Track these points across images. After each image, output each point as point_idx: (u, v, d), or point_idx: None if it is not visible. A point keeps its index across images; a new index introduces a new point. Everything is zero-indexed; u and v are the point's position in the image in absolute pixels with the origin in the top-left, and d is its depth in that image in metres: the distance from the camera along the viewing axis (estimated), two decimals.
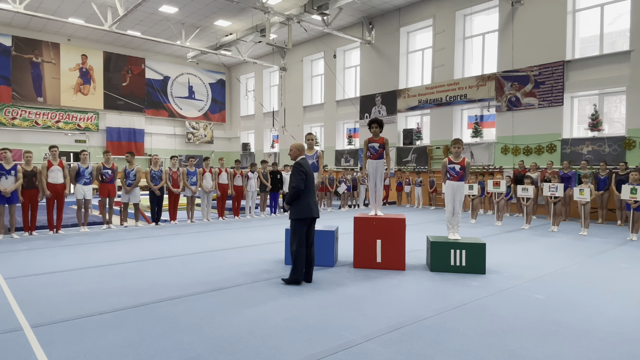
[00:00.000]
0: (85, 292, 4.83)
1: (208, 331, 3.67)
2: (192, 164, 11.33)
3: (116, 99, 23.53)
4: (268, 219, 12.26)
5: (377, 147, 6.28)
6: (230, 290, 4.96)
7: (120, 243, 8.03)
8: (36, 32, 20.81)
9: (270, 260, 6.58)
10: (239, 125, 27.59)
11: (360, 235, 6.03)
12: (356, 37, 18.63)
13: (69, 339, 3.50)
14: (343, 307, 4.38)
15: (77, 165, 9.41)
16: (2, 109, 19.98)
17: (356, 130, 20.14)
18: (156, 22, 19.33)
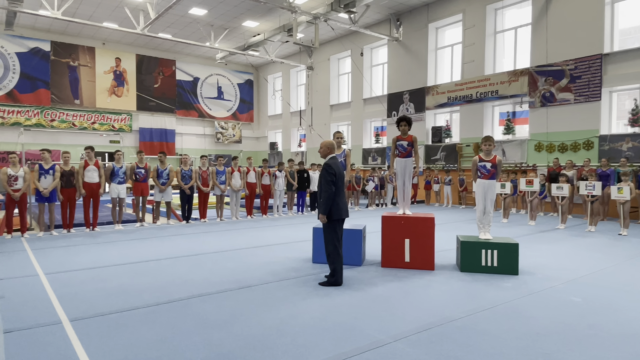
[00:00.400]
0: (120, 287, 4.99)
1: (237, 328, 3.72)
2: (221, 164, 11.52)
3: (148, 100, 24.18)
4: (295, 217, 12.32)
5: (405, 145, 6.20)
6: (259, 288, 5.01)
7: (153, 240, 8.25)
8: (73, 37, 21.62)
9: (298, 258, 6.61)
10: (267, 125, 27.85)
11: (388, 234, 5.98)
12: (383, 34, 18.46)
13: (105, 333, 3.62)
14: (371, 306, 4.35)
15: (112, 165, 9.73)
16: (42, 111, 20.88)
17: (383, 128, 19.97)
18: (186, 25, 19.74)
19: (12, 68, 20.15)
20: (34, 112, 20.69)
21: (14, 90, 20.25)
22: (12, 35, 19.74)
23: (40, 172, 8.66)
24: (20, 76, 20.38)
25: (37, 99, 20.82)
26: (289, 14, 16.78)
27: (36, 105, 20.76)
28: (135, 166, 10.02)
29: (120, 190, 9.70)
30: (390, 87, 19.24)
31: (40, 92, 20.95)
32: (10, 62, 20.12)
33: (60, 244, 7.79)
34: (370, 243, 7.52)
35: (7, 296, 4.61)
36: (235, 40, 21.56)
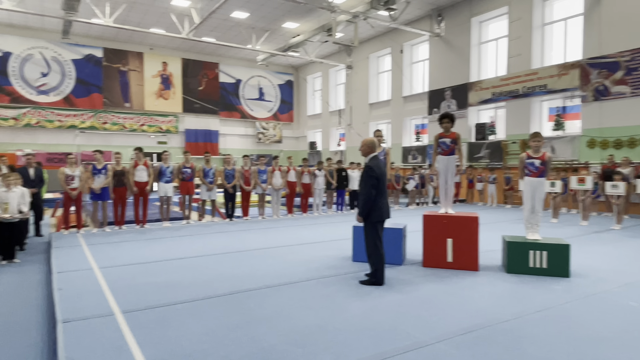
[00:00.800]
0: (168, 282, 5.18)
1: (280, 324, 3.77)
2: (263, 163, 11.72)
3: (193, 102, 24.97)
4: (334, 215, 12.33)
5: (448, 142, 6.05)
6: (300, 285, 5.05)
7: (199, 237, 8.50)
8: (123, 43, 22.68)
9: (337, 256, 6.61)
10: (306, 125, 28.03)
11: (429, 233, 5.86)
12: (424, 30, 18.10)
13: (154, 325, 3.77)
14: (413, 306, 4.28)
15: (160, 165, 10.12)
16: (95, 114, 22.06)
17: (424, 126, 19.59)
18: (229, 28, 20.21)
19: (68, 74, 21.42)
20: (88, 116, 21.89)
21: (70, 95, 21.52)
22: (68, 43, 20.98)
23: (94, 171, 9.14)
24: (76, 82, 21.62)
25: (91, 103, 22.02)
26: (328, 14, 16.79)
27: (90, 109, 21.96)
28: (182, 166, 10.38)
29: (167, 189, 10.08)
30: (431, 84, 18.84)
31: (94, 97, 22.13)
32: (66, 69, 21.39)
33: (113, 240, 8.19)
34: (411, 242, 7.39)
35: (64, 288, 4.89)
36: (275, 41, 21.85)
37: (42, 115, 20.77)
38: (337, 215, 12.36)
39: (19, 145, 19.80)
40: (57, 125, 21.13)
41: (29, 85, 20.57)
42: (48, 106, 20.98)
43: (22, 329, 4.05)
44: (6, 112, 20.01)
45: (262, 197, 11.70)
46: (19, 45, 20.24)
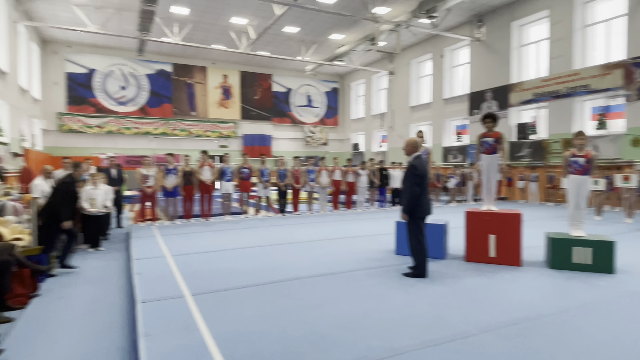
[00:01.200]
0: (229, 269, 5.34)
1: (329, 310, 3.77)
2: (311, 164, 11.81)
3: (250, 110, 25.63)
4: (377, 212, 12.18)
5: (491, 141, 5.79)
6: (346, 275, 5.03)
7: (255, 230, 8.70)
8: (189, 59, 23.68)
9: (381, 250, 6.52)
10: (350, 128, 27.93)
11: (472, 229, 5.64)
12: (465, 35, 17.47)
13: (219, 306, 3.90)
14: (456, 298, 4.14)
15: (222, 166, 10.46)
16: (166, 122, 23.20)
17: (465, 127, 18.91)
18: (281, 42, 20.54)
19: (143, 87, 22.67)
20: (160, 123, 23.05)
21: (145, 105, 22.77)
22: (142, 60, 22.21)
23: (166, 172, 9.61)
24: (150, 94, 22.84)
25: (162, 112, 23.19)
26: (372, 24, 16.63)
27: (162, 117, 23.12)
28: (241, 167, 10.67)
29: (228, 187, 10.40)
30: (472, 86, 18.14)
31: (165, 107, 23.28)
32: (141, 83, 22.65)
33: (182, 231, 8.55)
34: (453, 238, 7.15)
35: (142, 273, 5.17)
36: (323, 52, 21.94)
37: (121, 123, 22.13)
38: (379, 212, 12.21)
39: (102, 149, 21.23)
40: (134, 131, 22.43)
41: (110, 97, 21.99)
42: (126, 115, 22.32)
43: (107, 308, 4.33)
44: (92, 121, 21.52)
45: (311, 194, 11.79)
46: (102, 63, 21.69)
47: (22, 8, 15.03)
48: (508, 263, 5.44)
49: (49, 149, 20.28)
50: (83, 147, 21.22)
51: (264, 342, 3.10)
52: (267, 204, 11.32)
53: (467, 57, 18.69)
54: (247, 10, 16.42)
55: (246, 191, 10.79)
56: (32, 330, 3.71)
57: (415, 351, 2.96)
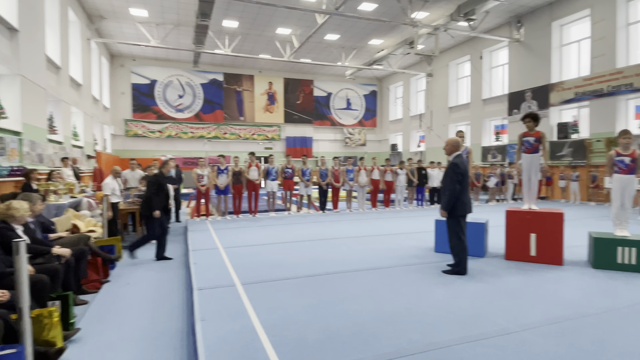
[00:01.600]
0: (276, 261, 5.43)
1: (370, 303, 3.74)
2: (350, 163, 11.76)
3: (292, 114, 25.95)
4: (415, 210, 11.91)
5: (532, 141, 5.48)
6: (386, 270, 4.96)
7: (298, 226, 8.79)
8: (238, 68, 24.35)
9: (420, 247, 6.37)
10: (388, 129, 27.51)
11: (512, 228, 5.37)
12: (504, 37, 16.67)
13: (266, 295, 3.98)
14: (496, 296, 3.96)
15: (267, 166, 10.67)
16: (218, 127, 24.01)
17: (504, 126, 18.05)
18: (322, 49, 20.62)
19: (197, 95, 23.59)
20: (212, 128, 23.89)
21: (199, 112, 23.69)
22: (197, 71, 23.11)
23: (218, 172, 9.94)
24: (204, 101, 23.73)
25: (214, 117, 24.02)
26: (410, 29, 16.29)
27: (214, 122, 23.95)
28: (285, 167, 10.83)
29: (273, 185, 10.59)
30: (511, 87, 17.28)
31: (217, 113, 24.09)
32: (196, 91, 23.58)
33: (232, 226, 8.81)
34: (492, 236, 6.86)
35: (198, 263, 5.38)
36: (362, 57, 21.78)
37: (179, 129, 23.16)
38: (418, 210, 11.93)
39: (163, 151, 22.30)
40: (190, 136, 23.39)
41: (169, 105, 23.08)
42: (183, 121, 23.33)
43: (168, 293, 4.55)
44: (153, 126, 22.68)
45: (350, 192, 11.74)
46: (162, 74, 22.80)
47: (94, 27, 16.12)
48: (549, 262, 5.13)
49: (117, 151, 21.63)
50: (146, 149, 22.42)
51: (308, 330, 3.12)
52: (308, 201, 11.41)
53: (505, 57, 17.85)
54: (291, 21, 16.63)
55: (289, 189, 10.94)
56: (103, 312, 3.97)
57: (456, 346, 2.86)
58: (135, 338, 3.32)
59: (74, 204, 7.28)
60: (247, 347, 2.84)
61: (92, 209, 7.80)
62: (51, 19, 11.73)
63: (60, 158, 10.41)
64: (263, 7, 14.58)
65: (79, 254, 4.44)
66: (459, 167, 4.62)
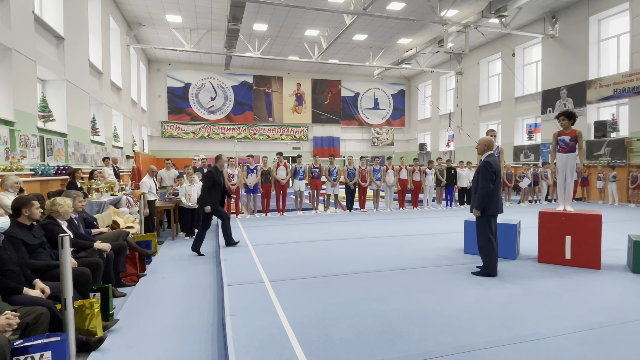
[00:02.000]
0: (303, 259, 5.45)
1: (397, 303, 3.68)
2: (377, 163, 11.63)
3: (320, 114, 26.00)
4: (444, 210, 11.64)
5: (567, 140, 5.21)
6: (414, 270, 4.87)
7: (325, 224, 8.80)
8: (267, 70, 24.66)
9: (449, 248, 6.21)
10: (417, 128, 27.04)
11: (546, 230, 5.13)
12: (537, 33, 15.99)
13: (294, 293, 4.00)
14: (529, 299, 3.79)
15: (295, 166, 10.74)
16: (248, 127, 24.41)
17: (537, 125, 17.31)
18: (350, 49, 20.53)
19: (228, 97, 24.08)
20: (242, 129, 24.33)
21: (230, 113, 24.18)
22: (228, 73, 23.59)
23: (247, 171, 10.10)
24: (234, 103, 24.20)
25: (244, 119, 24.44)
26: (440, 27, 15.93)
27: (244, 123, 24.37)
28: (312, 166, 10.86)
29: (301, 185, 10.65)
30: (544, 84, 16.55)
31: (247, 114, 24.51)
32: (227, 93, 24.08)
33: (261, 224, 8.93)
34: (524, 238, 6.59)
35: (228, 259, 5.49)
36: (390, 57, 21.51)
37: (211, 130, 23.74)
38: (447, 210, 11.65)
39: (196, 152, 22.93)
40: (221, 136, 23.93)
41: (202, 107, 23.69)
42: (215, 122, 23.89)
43: (200, 288, 4.66)
44: (187, 127, 23.36)
45: (377, 192, 11.62)
46: (195, 77, 23.44)
47: (133, 33, 16.77)
48: (586, 266, 4.87)
49: (154, 151, 22.43)
50: (180, 150, 23.13)
51: (335, 329, 3.11)
52: (335, 201, 11.38)
53: (539, 54, 17.11)
54: (320, 22, 16.65)
55: (316, 189, 10.96)
56: (140, 304, 4.11)
57: (486, 349, 2.76)
58: (168, 330, 3.43)
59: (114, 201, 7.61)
60: (275, 343, 2.86)
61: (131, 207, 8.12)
62: (94, 27, 12.31)
63: (102, 158, 10.91)
64: (292, 9, 14.69)
65: (118, 248, 4.63)
66: (492, 165, 4.47)
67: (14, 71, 7.02)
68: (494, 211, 4.51)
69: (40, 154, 7.90)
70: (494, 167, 4.46)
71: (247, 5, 13.82)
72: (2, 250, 3.03)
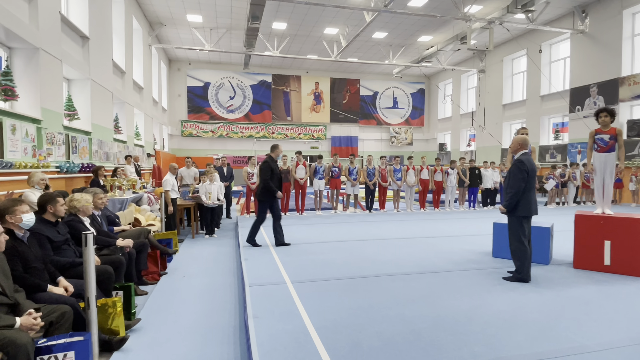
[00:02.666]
0: (324, 260, 5.32)
1: (426, 309, 3.51)
2: (398, 163, 11.40)
3: (338, 113, 25.85)
4: (467, 212, 11.31)
5: (606, 139, 4.91)
6: (441, 274, 4.67)
7: (345, 225, 8.65)
8: (286, 69, 24.66)
9: (476, 251, 5.97)
10: (436, 127, 26.57)
11: (583, 234, 4.84)
12: (566, 28, 15.41)
13: (317, 295, 3.87)
14: (568, 308, 3.56)
15: (315, 165, 10.62)
16: (266, 127, 24.47)
17: (564, 124, 16.70)
18: (369, 48, 20.30)
19: (247, 97, 24.19)
20: (261, 128, 24.41)
21: (249, 112, 24.29)
22: (247, 73, 23.70)
23: None
24: (253, 102, 24.30)
25: (263, 118, 24.51)
26: (462, 24, 15.54)
27: (262, 122, 24.44)
28: (332, 166, 10.73)
29: (320, 184, 10.53)
30: (573, 82, 15.94)
31: (265, 113, 24.57)
32: (246, 92, 24.20)
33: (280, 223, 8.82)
34: (556, 242, 6.29)
35: (249, 259, 5.41)
36: (410, 55, 21.18)
37: (230, 129, 23.90)
38: (470, 212, 11.32)
39: (215, 150, 23.14)
40: (240, 135, 24.07)
41: (221, 106, 23.88)
42: (234, 121, 24.04)
43: (221, 288, 4.59)
44: (206, 126, 23.59)
45: (397, 192, 11.39)
46: (214, 77, 23.64)
47: (154, 34, 17.01)
48: (627, 273, 4.57)
49: (174, 150, 22.74)
50: (200, 148, 23.38)
51: (363, 335, 2.97)
52: (355, 201, 11.21)
53: (567, 50, 16.50)
54: (339, 20, 16.50)
55: (336, 188, 10.81)
56: (162, 303, 4.07)
57: None
58: (190, 331, 3.36)
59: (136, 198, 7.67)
60: (301, 349, 2.74)
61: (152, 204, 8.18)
62: (117, 27, 12.50)
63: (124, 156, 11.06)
64: (312, 7, 14.58)
65: (140, 246, 4.61)
66: (525, 164, 4.24)
67: (41, 70, 7.15)
68: (527, 212, 4.27)
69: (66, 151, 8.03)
70: (527, 166, 4.23)
71: (267, 3, 13.79)
72: (27, 247, 3.02)
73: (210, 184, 7.71)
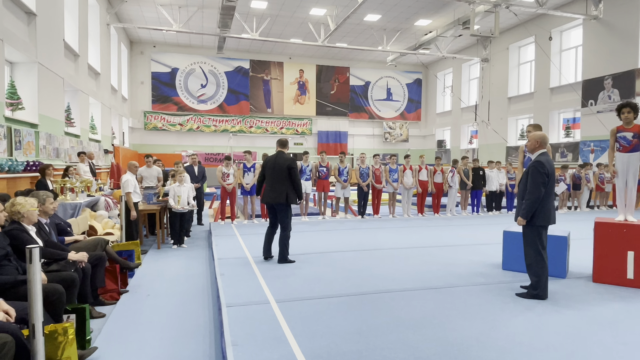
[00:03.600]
0: (314, 275, 5.22)
1: (432, 332, 3.44)
2: (394, 162, 11.40)
3: (325, 105, 25.81)
4: (470, 218, 11.39)
5: (630, 137, 4.95)
6: (446, 290, 4.63)
7: (335, 233, 8.57)
8: (266, 55, 24.47)
9: (483, 262, 5.96)
10: (434, 123, 26.83)
11: (603, 244, 4.88)
12: (578, 13, 15.73)
13: (306, 317, 3.76)
14: (593, 329, 3.55)
15: (300, 164, 10.51)
16: (243, 119, 24.23)
17: (576, 120, 17.06)
18: (360, 32, 20.32)
19: (221, 85, 23.91)
20: (237, 121, 24.16)
21: (223, 103, 24.01)
22: (222, 58, 23.41)
23: (244, 169, 9.90)
24: (228, 91, 24.03)
25: (239, 109, 24.27)
26: (464, 6, 15.68)
27: (239, 114, 24.20)
28: (319, 165, 10.64)
29: (307, 186, 10.42)
30: (585, 73, 16.29)
31: (242, 104, 24.33)
32: (220, 80, 23.91)
33: (260, 231, 8.61)
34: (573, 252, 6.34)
35: (225, 274, 5.27)
36: (406, 41, 21.29)
37: (201, 121, 23.58)
38: (474, 218, 11.41)
39: (184, 146, 22.78)
40: (213, 129, 23.76)
41: (191, 95, 23.52)
42: (206, 113, 23.73)
43: (192, 308, 4.44)
44: (174, 119, 23.20)
45: (393, 195, 11.39)
46: (184, 62, 23.27)
47: (114, 11, 16.60)
48: None
49: (135, 146, 22.27)
50: (166, 144, 22.97)
51: None
52: (345, 205, 11.15)
53: (579, 38, 16.86)
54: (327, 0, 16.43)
55: (324, 191, 10.73)
56: (122, 328, 3.90)
57: None
58: None
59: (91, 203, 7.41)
60: None
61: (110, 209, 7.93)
62: (70, 3, 12.13)
63: (77, 153, 10.72)
64: None
65: (96, 260, 4.42)
66: (544, 166, 4.21)
67: None
68: (545, 221, 4.26)
69: (8, 147, 7.70)
70: (547, 169, 4.20)
71: None
72: None
73: (180, 186, 7.52)
